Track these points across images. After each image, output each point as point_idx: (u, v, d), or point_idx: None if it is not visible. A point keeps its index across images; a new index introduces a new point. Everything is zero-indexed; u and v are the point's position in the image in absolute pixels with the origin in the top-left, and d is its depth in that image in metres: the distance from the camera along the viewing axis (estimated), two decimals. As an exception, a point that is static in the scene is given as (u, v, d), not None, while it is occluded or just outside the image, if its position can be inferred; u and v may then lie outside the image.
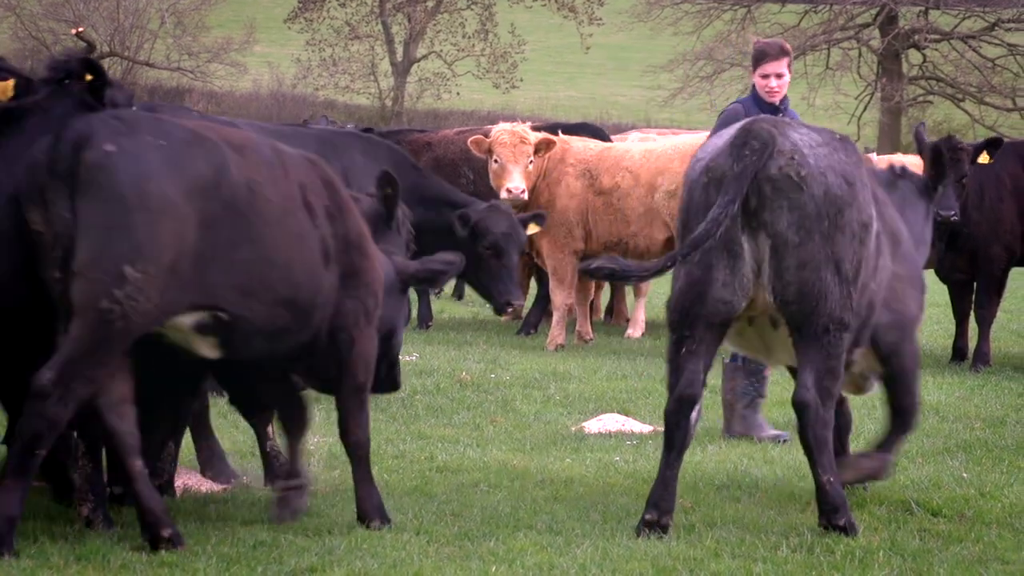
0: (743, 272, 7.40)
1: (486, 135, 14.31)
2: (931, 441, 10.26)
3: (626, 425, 10.54)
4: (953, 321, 14.50)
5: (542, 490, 8.44)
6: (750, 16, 43.24)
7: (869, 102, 42.55)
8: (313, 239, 7.42)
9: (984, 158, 13.46)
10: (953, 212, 13.34)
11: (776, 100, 10.00)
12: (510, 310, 12.53)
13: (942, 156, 12.21)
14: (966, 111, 41.87)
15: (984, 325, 14.00)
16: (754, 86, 10.17)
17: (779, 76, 9.96)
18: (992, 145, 13.60)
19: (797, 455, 9.58)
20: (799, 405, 7.51)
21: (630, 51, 55.94)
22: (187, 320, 7.04)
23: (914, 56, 43.02)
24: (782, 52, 9.99)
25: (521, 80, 42.59)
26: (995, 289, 14.13)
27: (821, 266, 7.38)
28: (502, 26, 42.67)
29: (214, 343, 7.21)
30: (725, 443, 10.02)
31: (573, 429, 10.45)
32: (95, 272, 6.74)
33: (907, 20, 42.75)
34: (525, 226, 12.97)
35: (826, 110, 42.01)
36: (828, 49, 42.47)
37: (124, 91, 7.53)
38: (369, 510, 7.63)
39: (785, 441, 10.06)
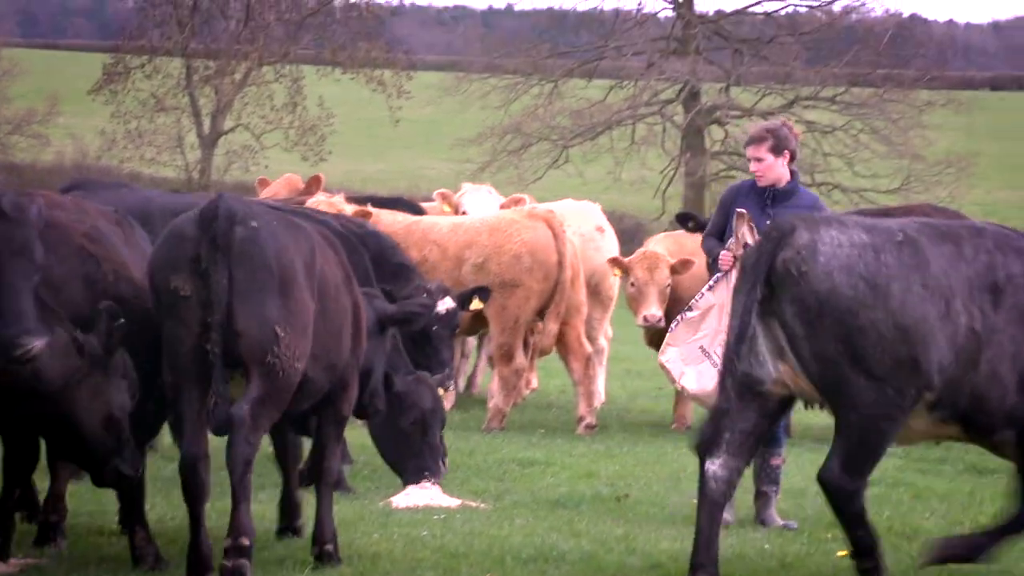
0: (760, 350, 7.94)
1: (300, 205, 14.22)
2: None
3: (434, 499, 10.51)
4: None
5: (348, 567, 8.38)
6: (557, 91, 43.73)
7: (674, 176, 43.16)
8: (347, 310, 8.57)
9: None
10: None
11: (762, 183, 10.09)
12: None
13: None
14: (767, 186, 42.69)
15: None
16: None
17: (759, 160, 10.05)
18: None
19: (604, 528, 9.65)
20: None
21: (439, 124, 56.13)
22: None
23: (716, 132, 43.79)
24: (758, 137, 10.12)
25: (330, 153, 42.49)
26: None
27: (836, 360, 7.78)
28: (311, 99, 42.53)
29: None
30: (533, 516, 10.04)
31: (380, 503, 10.39)
32: (255, 332, 7.84)
33: (709, 96, 43.55)
34: (467, 300, 12.41)
35: (632, 184, 42.54)
36: (634, 124, 43.08)
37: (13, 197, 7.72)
38: (326, 535, 8.61)
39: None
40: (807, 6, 44.61)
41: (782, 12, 44.71)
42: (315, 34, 43.45)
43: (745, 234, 9.60)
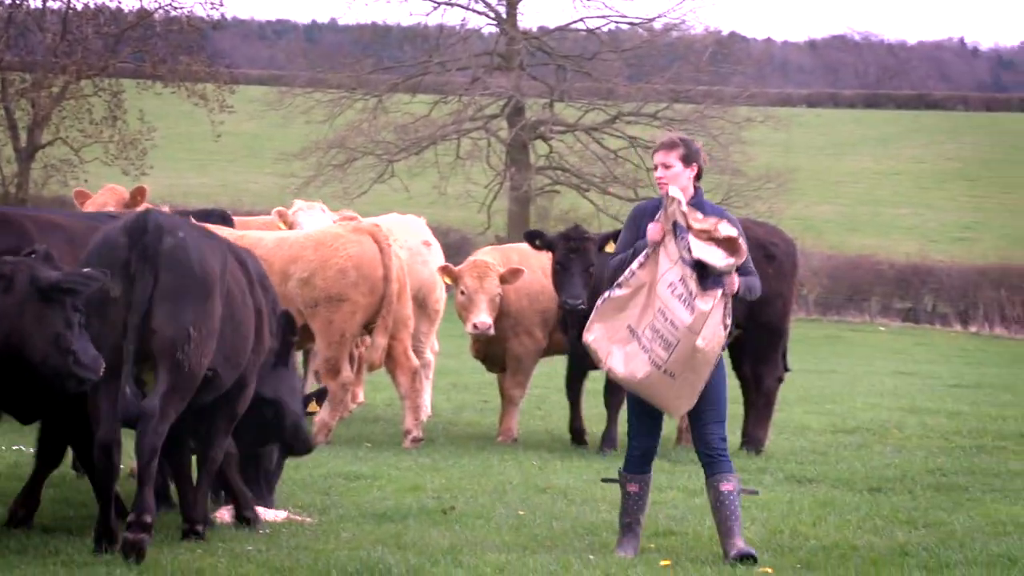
0: None
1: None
2: (559, 524, 10.46)
3: (260, 513, 10.41)
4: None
5: (172, 582, 8.28)
6: (381, 106, 43.70)
7: (498, 191, 43.38)
8: (251, 313, 9.55)
9: (610, 247, 13.90)
10: (580, 300, 13.73)
11: (664, 191, 9.48)
12: None
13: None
14: (591, 201, 43.06)
15: (613, 410, 14.36)
16: None
17: (666, 167, 9.56)
18: (616, 236, 13.99)
19: (430, 541, 9.64)
20: None
21: (262, 139, 55.79)
22: None
23: (541, 147, 44.10)
24: (668, 144, 9.68)
25: (151, 167, 41.92)
26: None
27: None
28: (131, 112, 41.93)
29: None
30: (359, 529, 10.01)
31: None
32: (170, 331, 8.79)
33: (533, 112, 43.84)
34: (305, 404, 11.00)
35: (457, 199, 42.69)
36: (458, 139, 43.22)
37: None
38: (197, 516, 9.55)
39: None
40: (628, 23, 45.19)
41: (604, 29, 45.24)
42: (135, 47, 42.83)
43: (675, 212, 9.25)
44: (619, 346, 9.25)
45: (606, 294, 9.41)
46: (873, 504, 11.61)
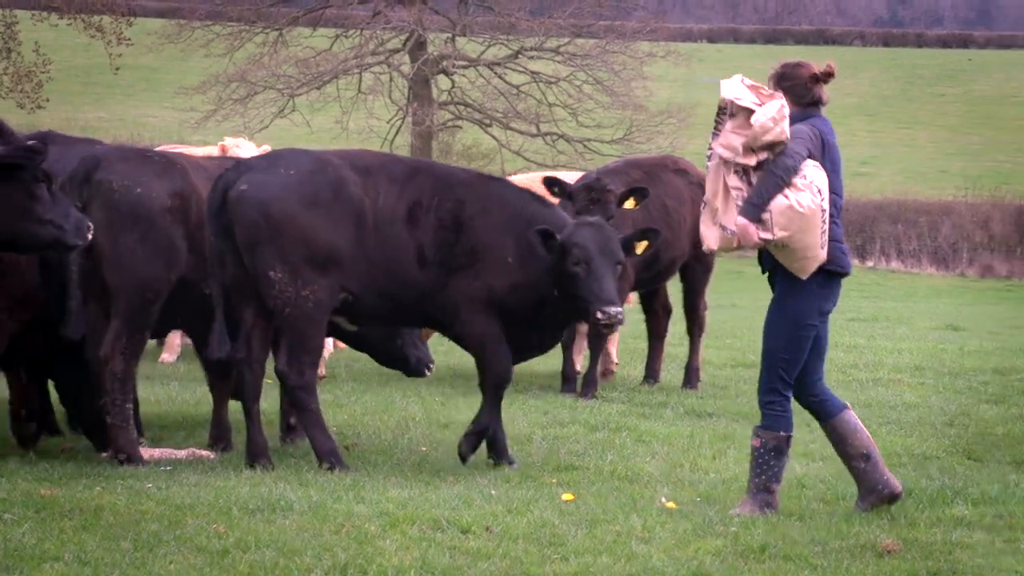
0: None
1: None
2: (461, 458, 10.49)
3: (159, 451, 10.37)
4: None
5: (70, 520, 8.19)
6: (282, 39, 43.32)
7: (401, 126, 43.19)
8: (410, 244, 9.77)
9: (631, 203, 13.21)
10: None
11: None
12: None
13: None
14: (493, 136, 42.99)
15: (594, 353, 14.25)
16: None
17: None
18: (638, 192, 13.37)
19: (332, 477, 9.65)
20: None
21: (161, 73, 55.14)
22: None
23: (443, 82, 43.92)
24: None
25: (47, 100, 41.37)
26: None
27: None
28: (26, 44, 41.32)
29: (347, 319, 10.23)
30: (259, 467, 9.99)
31: (104, 456, 10.21)
32: (258, 280, 9.60)
33: (435, 46, 43.63)
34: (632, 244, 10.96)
35: (359, 133, 42.43)
36: (360, 73, 42.92)
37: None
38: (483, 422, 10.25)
39: None
40: (530, -44, 44.94)
41: (506, -38, 44.99)
42: (30, -23, 42.16)
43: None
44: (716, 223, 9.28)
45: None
46: (772, 438, 11.70)
